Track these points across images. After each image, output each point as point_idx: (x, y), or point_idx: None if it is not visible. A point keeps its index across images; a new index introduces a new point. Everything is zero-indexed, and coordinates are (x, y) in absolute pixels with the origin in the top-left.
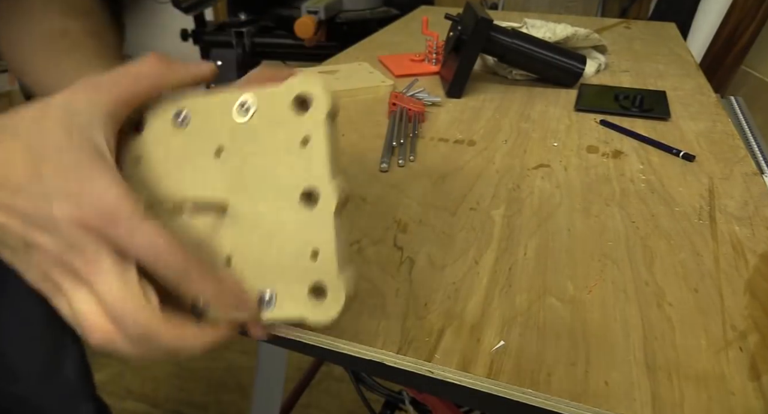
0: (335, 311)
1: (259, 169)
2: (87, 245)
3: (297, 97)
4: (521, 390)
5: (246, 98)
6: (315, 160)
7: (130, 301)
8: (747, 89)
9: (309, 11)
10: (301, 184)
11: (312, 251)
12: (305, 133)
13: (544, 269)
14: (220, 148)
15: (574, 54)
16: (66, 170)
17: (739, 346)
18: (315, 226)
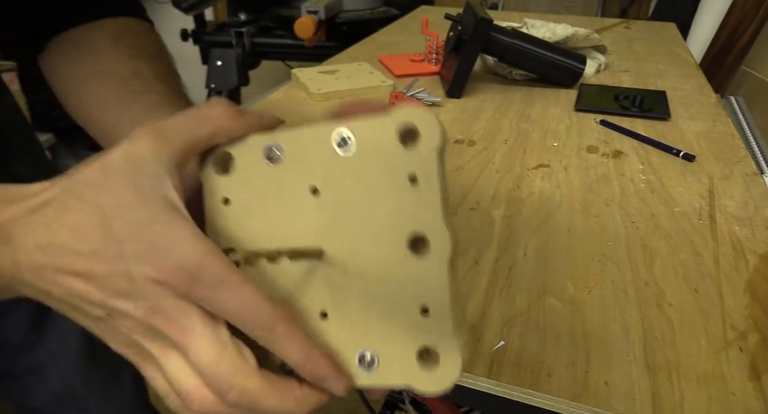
0: (449, 381)
1: (360, 209)
2: (172, 307)
3: (403, 129)
4: (521, 390)
5: (345, 130)
6: (425, 201)
7: (227, 365)
8: (747, 89)
9: (309, 11)
10: (409, 228)
11: (422, 307)
12: (413, 170)
13: (544, 269)
14: (316, 185)
15: (574, 54)
16: (140, 228)
17: (739, 346)
18: (425, 278)
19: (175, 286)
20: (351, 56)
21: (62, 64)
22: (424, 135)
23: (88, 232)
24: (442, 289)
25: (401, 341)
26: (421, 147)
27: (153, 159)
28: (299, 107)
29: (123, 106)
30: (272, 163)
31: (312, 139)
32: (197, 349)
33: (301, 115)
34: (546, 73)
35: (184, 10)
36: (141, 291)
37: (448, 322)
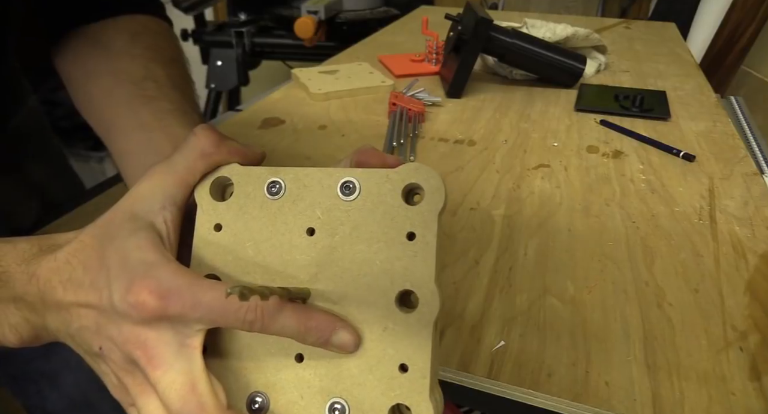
0: None
1: (353, 256)
2: (148, 334)
3: (409, 185)
4: (521, 390)
5: (352, 177)
6: (419, 260)
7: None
8: (747, 89)
9: (309, 11)
10: (400, 283)
11: (401, 364)
12: (412, 228)
13: (544, 269)
14: (314, 226)
15: (574, 54)
16: (124, 257)
17: (739, 346)
18: (408, 336)
19: (147, 307)
20: (351, 56)
21: (76, 59)
22: (428, 196)
23: (92, 266)
24: (425, 349)
25: (375, 396)
26: (423, 207)
27: (149, 195)
28: (299, 107)
29: (133, 109)
30: (272, 197)
31: (316, 180)
32: (166, 383)
33: (301, 115)
34: (546, 73)
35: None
36: (119, 316)
37: (426, 384)
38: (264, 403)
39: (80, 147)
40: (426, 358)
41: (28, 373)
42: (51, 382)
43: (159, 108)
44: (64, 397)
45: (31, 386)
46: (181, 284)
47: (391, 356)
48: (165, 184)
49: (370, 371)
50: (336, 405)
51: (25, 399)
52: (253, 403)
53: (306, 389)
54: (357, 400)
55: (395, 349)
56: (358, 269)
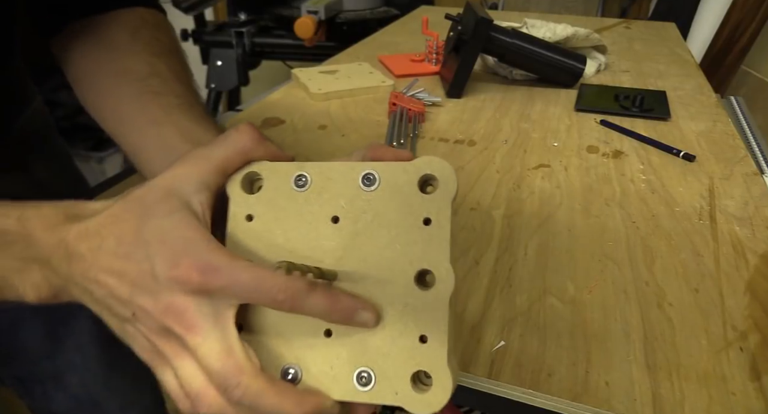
0: (438, 403)
1: (375, 241)
2: (187, 304)
3: (424, 176)
4: (521, 390)
5: (372, 170)
6: (435, 243)
7: (233, 364)
8: (747, 89)
9: (309, 11)
10: (418, 264)
11: (420, 335)
12: (428, 214)
13: (544, 269)
14: (338, 214)
15: (574, 54)
16: (163, 234)
17: (739, 346)
18: (428, 309)
19: (191, 281)
20: (351, 56)
21: (81, 58)
22: (442, 185)
23: (126, 238)
24: (442, 322)
25: (398, 364)
26: (437, 195)
27: (185, 179)
28: (299, 107)
29: (142, 105)
30: (299, 189)
31: (340, 173)
32: (205, 349)
33: (301, 115)
34: (546, 73)
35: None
36: (161, 288)
37: (444, 352)
38: (296, 374)
39: (80, 147)
40: (443, 330)
41: (34, 374)
42: (56, 382)
43: (166, 103)
44: (70, 397)
45: (37, 387)
46: (221, 262)
47: (412, 329)
48: (201, 170)
49: (393, 343)
50: (363, 373)
51: (31, 400)
52: (286, 374)
53: (335, 360)
54: (382, 368)
55: (415, 323)
56: (380, 252)
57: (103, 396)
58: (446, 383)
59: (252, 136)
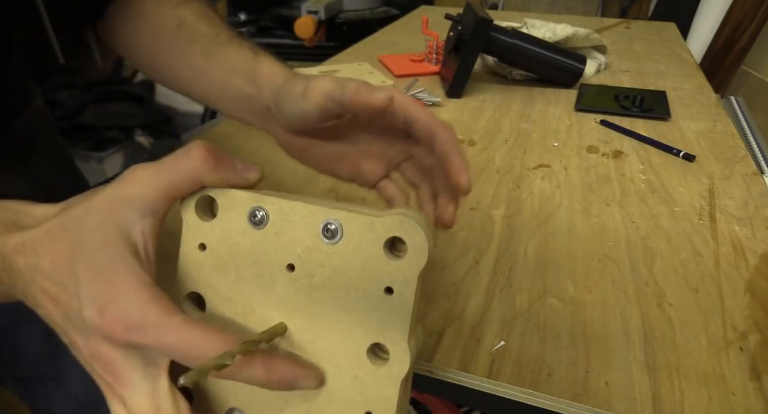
0: None
1: (330, 301)
2: (114, 357)
3: (393, 238)
4: (521, 390)
5: (336, 219)
6: (395, 316)
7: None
8: (747, 89)
9: (309, 11)
10: (373, 336)
11: (366, 412)
12: (391, 283)
13: (544, 269)
14: (294, 263)
15: (574, 54)
16: (96, 273)
17: (739, 346)
18: (376, 387)
19: (114, 335)
20: (351, 56)
21: (121, 32)
22: (411, 254)
23: (60, 265)
24: (390, 403)
25: None
26: (404, 264)
27: (128, 202)
28: None
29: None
30: (255, 227)
31: (300, 216)
32: (134, 403)
33: None
34: (546, 73)
35: None
36: (89, 333)
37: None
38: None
39: (80, 147)
40: (390, 412)
41: (34, 375)
42: (57, 383)
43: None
44: (71, 398)
45: (37, 388)
46: (149, 319)
47: (359, 403)
48: (147, 193)
49: (338, 411)
50: None
51: (31, 401)
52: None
53: (280, 412)
54: None
55: (363, 397)
56: (335, 314)
57: (103, 397)
58: None
59: (203, 160)
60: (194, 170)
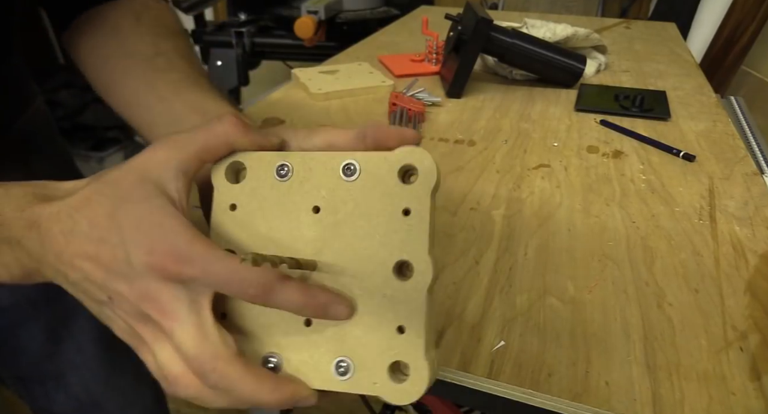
0: (416, 393)
1: (355, 231)
2: (162, 291)
3: (404, 167)
4: (521, 390)
5: (353, 160)
6: (415, 234)
7: (209, 349)
8: (747, 89)
9: (309, 11)
10: (397, 254)
11: (399, 326)
12: (408, 205)
13: (544, 269)
14: (319, 204)
15: (574, 54)
16: (140, 220)
17: (739, 346)
18: (405, 301)
19: (166, 268)
20: (351, 56)
21: (87, 44)
22: (422, 176)
23: (100, 222)
24: (420, 313)
25: (376, 354)
26: (417, 186)
27: (163, 164)
28: (299, 107)
29: (149, 84)
30: (281, 179)
31: (321, 163)
32: (181, 334)
33: (301, 115)
34: (546, 73)
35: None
36: (136, 274)
37: (421, 343)
38: (277, 362)
39: (80, 147)
40: (421, 321)
41: (35, 375)
42: (57, 383)
43: (173, 79)
44: (71, 397)
45: (38, 387)
46: (196, 251)
47: (390, 320)
48: (180, 156)
49: (371, 333)
50: (342, 363)
51: (32, 401)
52: (267, 362)
53: (314, 350)
54: (360, 358)
55: (393, 314)
56: (360, 242)
57: (103, 396)
58: (423, 374)
59: (236, 125)
60: (227, 134)
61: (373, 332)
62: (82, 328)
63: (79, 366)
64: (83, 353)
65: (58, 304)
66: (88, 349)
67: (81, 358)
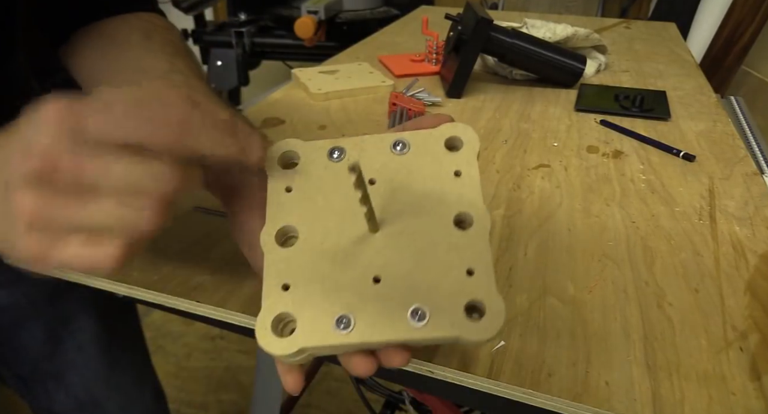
0: (494, 328)
1: (411, 193)
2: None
3: (450, 139)
4: (521, 390)
5: (401, 138)
6: (468, 188)
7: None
8: (747, 89)
9: (309, 11)
10: (455, 207)
11: (467, 269)
12: (457, 167)
13: (544, 269)
14: (374, 177)
15: (574, 54)
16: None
17: (739, 346)
18: (469, 247)
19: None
20: (351, 56)
21: (92, 56)
22: (467, 143)
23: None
24: (486, 254)
25: (450, 297)
26: (464, 151)
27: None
28: (299, 107)
29: None
30: (335, 160)
31: (372, 143)
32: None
33: (301, 115)
34: (546, 73)
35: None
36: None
37: (492, 280)
38: (350, 321)
39: None
40: (488, 262)
41: (36, 374)
42: (58, 382)
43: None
44: (71, 397)
45: (39, 387)
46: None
47: (458, 265)
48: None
49: (442, 279)
50: (417, 310)
51: (32, 400)
52: (339, 322)
53: (387, 302)
54: (435, 303)
55: (460, 259)
56: (418, 202)
57: (103, 396)
58: (499, 308)
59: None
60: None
61: (444, 278)
62: (82, 328)
63: (79, 365)
64: (83, 353)
65: (58, 304)
66: (88, 349)
67: (81, 358)
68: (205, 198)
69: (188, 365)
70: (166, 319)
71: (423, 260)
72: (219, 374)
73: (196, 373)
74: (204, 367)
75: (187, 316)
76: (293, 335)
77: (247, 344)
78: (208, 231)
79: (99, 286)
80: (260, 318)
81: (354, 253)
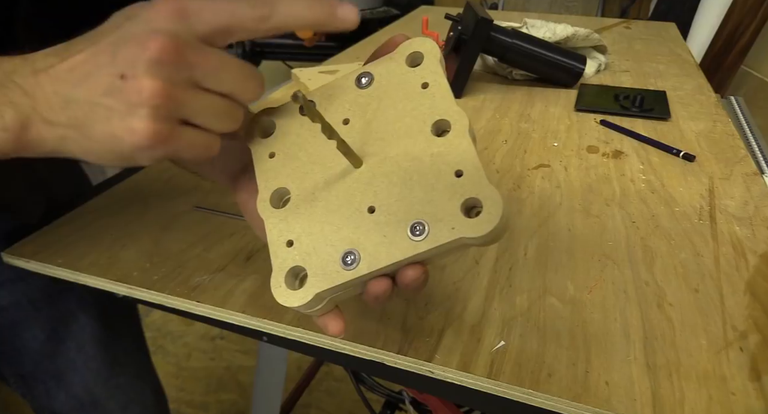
0: (496, 217)
1: (386, 120)
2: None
3: (410, 56)
4: (521, 390)
5: (363, 71)
6: (438, 96)
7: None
8: (747, 89)
9: None
10: (430, 118)
11: (456, 172)
12: (423, 80)
13: (544, 269)
14: (347, 117)
15: (574, 54)
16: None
17: (739, 346)
18: (453, 149)
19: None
20: (351, 56)
21: None
22: (427, 55)
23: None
24: (469, 153)
25: (444, 203)
26: (426, 64)
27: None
28: None
29: None
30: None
31: (337, 87)
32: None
33: None
34: (546, 73)
35: None
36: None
37: (482, 175)
38: (356, 256)
39: None
40: (474, 158)
41: (36, 374)
42: (58, 382)
43: None
44: (72, 396)
45: (39, 386)
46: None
47: (445, 170)
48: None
49: (433, 188)
50: (415, 225)
51: (33, 399)
52: (345, 259)
53: (386, 227)
54: (432, 214)
55: (446, 164)
56: (393, 125)
57: (104, 395)
58: (496, 199)
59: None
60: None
61: (435, 188)
62: (83, 328)
63: (79, 365)
64: (83, 353)
65: (58, 304)
66: (88, 349)
67: (81, 358)
68: (205, 198)
69: (188, 365)
70: (166, 319)
71: (411, 178)
72: (219, 374)
73: (196, 373)
74: (204, 367)
75: (187, 316)
76: (306, 284)
77: (247, 344)
78: (208, 231)
79: (99, 286)
80: (273, 278)
81: (345, 192)
